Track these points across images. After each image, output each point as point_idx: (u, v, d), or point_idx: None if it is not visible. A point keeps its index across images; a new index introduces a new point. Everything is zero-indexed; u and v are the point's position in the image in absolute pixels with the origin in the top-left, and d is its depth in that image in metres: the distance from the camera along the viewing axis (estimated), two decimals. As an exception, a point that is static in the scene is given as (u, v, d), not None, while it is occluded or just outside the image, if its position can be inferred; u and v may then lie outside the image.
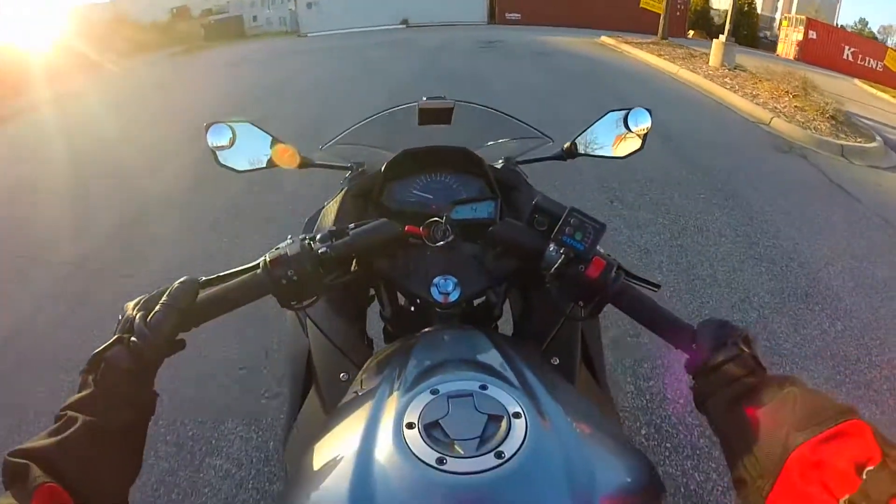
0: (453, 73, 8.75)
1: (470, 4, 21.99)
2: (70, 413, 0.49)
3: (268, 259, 0.61)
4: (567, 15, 20.81)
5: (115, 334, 0.55)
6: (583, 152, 1.01)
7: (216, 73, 11.98)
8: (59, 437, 0.46)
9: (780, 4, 35.56)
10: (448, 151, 0.91)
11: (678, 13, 21.54)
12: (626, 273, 0.64)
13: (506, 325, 0.89)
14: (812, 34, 17.67)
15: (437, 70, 9.20)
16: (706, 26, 24.13)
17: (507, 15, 21.28)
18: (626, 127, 0.95)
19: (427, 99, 1.00)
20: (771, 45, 23.61)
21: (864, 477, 0.38)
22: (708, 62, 9.91)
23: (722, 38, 10.00)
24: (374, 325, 0.94)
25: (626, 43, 13.17)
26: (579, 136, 1.01)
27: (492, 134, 1.08)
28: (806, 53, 17.34)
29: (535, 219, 0.66)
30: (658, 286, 0.65)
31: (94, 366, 0.52)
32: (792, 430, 0.43)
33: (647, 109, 0.94)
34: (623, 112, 0.95)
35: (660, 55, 10.76)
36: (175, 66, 14.98)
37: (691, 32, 22.01)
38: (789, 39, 19.18)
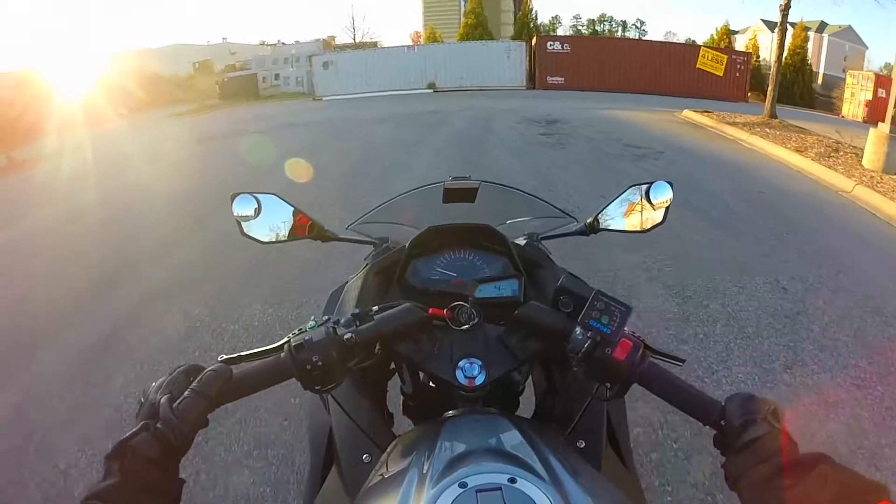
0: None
1: (507, 67, 19.57)
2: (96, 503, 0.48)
3: (292, 344, 0.59)
4: (615, 79, 18.32)
5: (138, 418, 0.53)
6: (605, 227, 1.00)
7: (198, 149, 9.47)
8: None
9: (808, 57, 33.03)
10: (472, 229, 0.91)
11: (737, 74, 18.87)
12: (652, 350, 0.62)
13: (527, 400, 0.86)
14: (881, 92, 15.30)
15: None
16: (759, 85, 21.45)
17: (548, 79, 18.80)
18: (648, 201, 0.93)
19: (452, 179, 1.03)
20: (826, 104, 20.80)
21: None
22: (859, 159, 6.86)
23: (882, 127, 6.81)
24: (393, 394, 0.90)
25: (729, 124, 10.05)
26: (601, 210, 0.99)
27: (515, 212, 1.10)
28: (876, 114, 14.65)
29: (561, 300, 0.66)
30: (683, 361, 0.65)
31: (120, 453, 0.50)
32: None
33: (669, 182, 0.93)
34: (644, 186, 0.94)
35: (797, 150, 7.60)
36: (165, 129, 13.16)
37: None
38: (856, 99, 17.31)
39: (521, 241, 0.99)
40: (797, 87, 23.35)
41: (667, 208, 0.93)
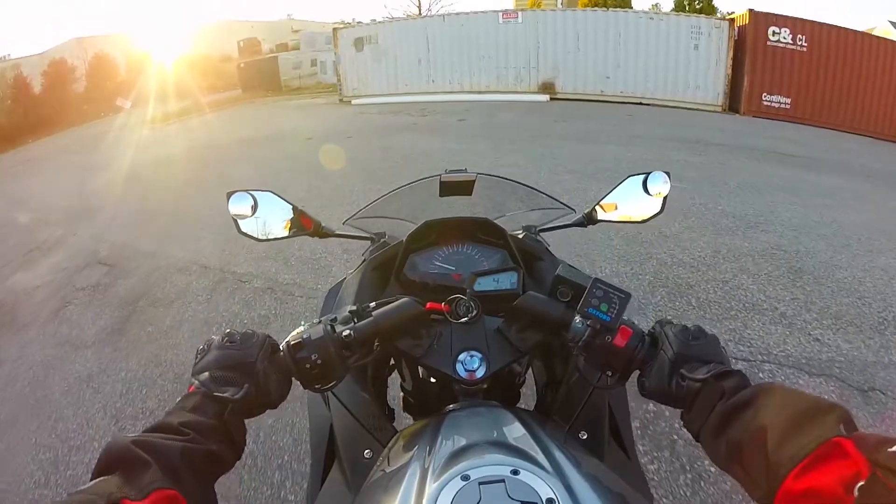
0: None
1: (693, 67, 11.02)
2: (190, 421, 0.50)
3: (290, 343, 0.60)
4: (863, 110, 9.76)
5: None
6: (603, 218, 1.00)
7: None
8: (181, 443, 0.47)
9: None
10: (470, 222, 0.93)
11: None
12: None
13: (528, 390, 0.89)
14: None
15: None
16: None
17: (765, 98, 10.33)
18: (646, 191, 0.93)
19: (449, 171, 1.02)
20: None
21: (857, 494, 0.37)
22: None
23: None
24: (393, 391, 0.92)
25: None
26: (599, 201, 1.00)
27: (513, 204, 1.12)
28: None
29: (559, 290, 0.67)
30: None
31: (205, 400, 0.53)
32: (773, 460, 0.43)
33: (666, 172, 0.92)
34: (642, 176, 0.93)
35: None
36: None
37: None
38: None
39: (520, 234, 1.01)
40: None
41: (664, 198, 0.93)
